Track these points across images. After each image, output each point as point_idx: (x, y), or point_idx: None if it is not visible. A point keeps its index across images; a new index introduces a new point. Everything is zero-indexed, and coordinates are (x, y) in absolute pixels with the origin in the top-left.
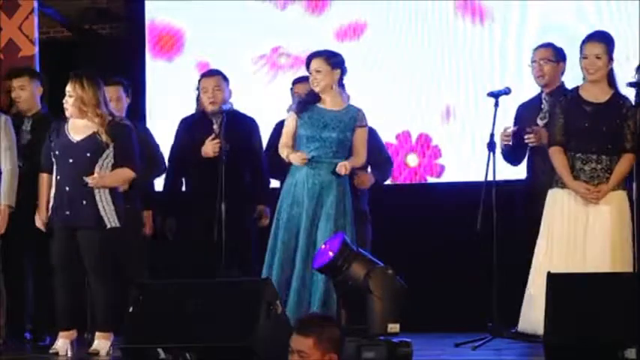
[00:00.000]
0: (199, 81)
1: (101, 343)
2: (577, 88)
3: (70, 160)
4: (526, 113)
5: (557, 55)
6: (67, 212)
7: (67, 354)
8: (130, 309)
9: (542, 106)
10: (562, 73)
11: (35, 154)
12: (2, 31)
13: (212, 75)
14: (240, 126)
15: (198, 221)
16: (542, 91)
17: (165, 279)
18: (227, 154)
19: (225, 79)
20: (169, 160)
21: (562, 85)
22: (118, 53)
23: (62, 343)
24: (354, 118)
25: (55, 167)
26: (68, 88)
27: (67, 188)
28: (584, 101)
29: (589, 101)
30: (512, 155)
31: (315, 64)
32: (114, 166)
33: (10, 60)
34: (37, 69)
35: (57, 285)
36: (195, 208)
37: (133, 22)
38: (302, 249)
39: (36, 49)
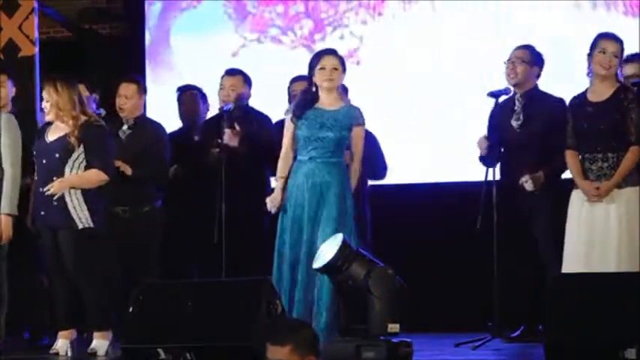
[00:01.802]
0: (222, 77)
1: (99, 342)
2: (585, 91)
3: (44, 161)
4: (500, 115)
5: (533, 58)
6: (42, 212)
7: (67, 354)
8: (130, 309)
9: (516, 107)
10: (537, 77)
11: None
12: (2, 31)
13: (232, 74)
14: (250, 123)
15: (200, 221)
16: (515, 92)
17: (166, 279)
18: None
19: (247, 79)
20: None
21: (536, 87)
22: (118, 53)
23: (62, 343)
24: (350, 116)
25: (36, 169)
26: (44, 93)
27: (41, 189)
28: (588, 102)
29: (592, 101)
30: (489, 159)
31: (335, 61)
32: (87, 168)
33: (10, 60)
34: (37, 69)
35: (54, 285)
36: (197, 207)
37: (132, 21)
38: (305, 250)
39: (36, 49)
